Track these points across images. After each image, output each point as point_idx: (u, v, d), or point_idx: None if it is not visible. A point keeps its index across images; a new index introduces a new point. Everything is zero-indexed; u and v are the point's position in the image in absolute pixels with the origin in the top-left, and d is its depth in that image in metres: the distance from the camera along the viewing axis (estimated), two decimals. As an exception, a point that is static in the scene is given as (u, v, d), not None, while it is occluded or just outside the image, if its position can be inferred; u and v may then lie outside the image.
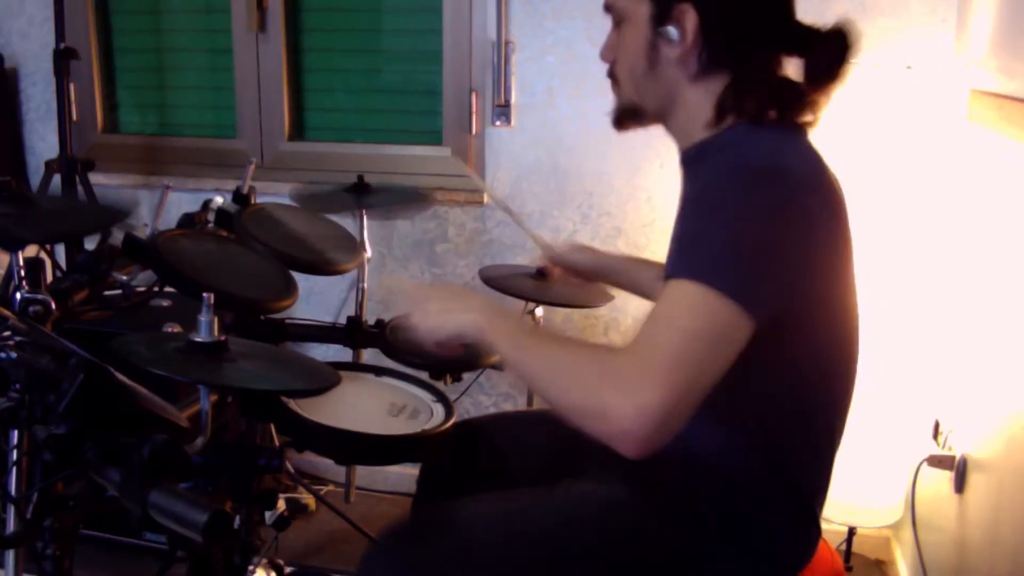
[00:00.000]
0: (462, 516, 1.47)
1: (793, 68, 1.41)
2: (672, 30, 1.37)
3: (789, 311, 1.24)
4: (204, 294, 1.41)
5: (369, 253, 2.54)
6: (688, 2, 1.36)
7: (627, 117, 1.51)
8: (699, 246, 1.22)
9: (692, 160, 1.45)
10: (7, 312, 1.38)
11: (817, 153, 1.37)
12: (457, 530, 1.42)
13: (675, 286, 1.19)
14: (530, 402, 2.60)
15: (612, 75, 1.50)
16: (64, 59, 2.97)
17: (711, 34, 1.37)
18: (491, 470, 1.74)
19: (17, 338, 1.26)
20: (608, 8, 1.47)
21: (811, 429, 1.42)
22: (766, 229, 1.22)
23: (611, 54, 1.49)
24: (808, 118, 1.39)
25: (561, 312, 2.86)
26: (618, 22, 1.46)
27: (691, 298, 1.17)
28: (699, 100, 1.41)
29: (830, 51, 1.37)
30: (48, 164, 3.05)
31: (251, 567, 1.98)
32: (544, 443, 1.75)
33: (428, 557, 1.39)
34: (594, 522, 1.42)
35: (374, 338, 2.24)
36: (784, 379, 1.35)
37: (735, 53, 1.38)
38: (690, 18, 1.36)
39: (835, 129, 2.47)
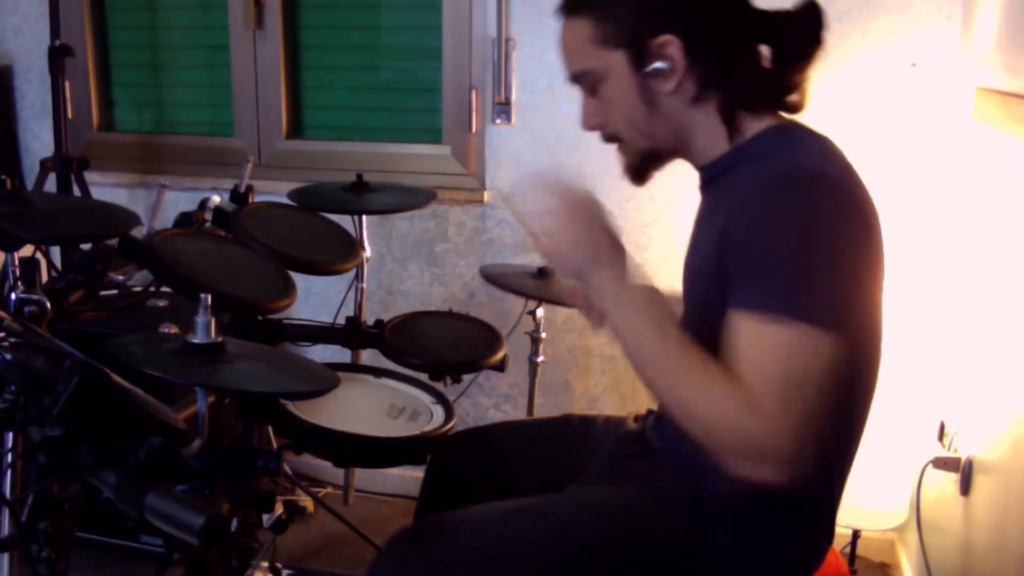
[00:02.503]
0: (468, 522, 1.46)
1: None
2: (659, 63, 1.35)
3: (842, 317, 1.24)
4: (201, 295, 1.39)
5: (368, 252, 2.54)
6: (664, 32, 1.34)
7: (646, 167, 1.47)
8: (786, 277, 1.21)
9: (719, 174, 1.42)
10: (2, 313, 1.36)
11: (842, 153, 1.36)
12: (463, 536, 1.41)
13: (776, 327, 1.19)
14: (531, 404, 2.59)
15: (610, 137, 1.46)
16: (59, 56, 2.95)
17: (698, 53, 1.35)
18: (496, 478, 1.73)
19: (12, 339, 1.24)
20: (577, 78, 1.43)
21: (829, 437, 1.39)
22: (834, 244, 1.22)
23: (596, 120, 1.45)
24: (799, 100, 1.40)
25: (562, 312, 2.84)
26: (592, 86, 1.42)
27: (800, 341, 1.18)
28: (709, 118, 1.39)
29: (803, 28, 1.37)
30: (43, 163, 3.03)
31: (249, 570, 1.95)
32: (547, 451, 1.75)
33: (434, 564, 1.38)
34: (600, 528, 1.42)
35: (373, 339, 2.23)
36: None
37: (725, 62, 1.37)
38: (673, 45, 1.34)
39: (838, 127, 2.48)
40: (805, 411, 1.17)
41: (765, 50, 1.40)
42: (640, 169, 1.47)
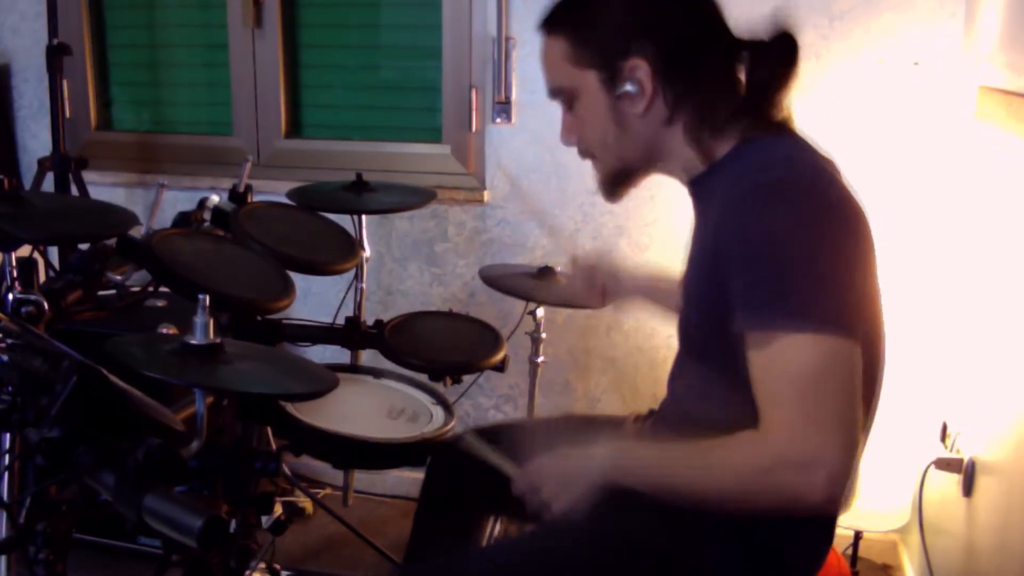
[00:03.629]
0: (470, 553, 1.46)
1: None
2: (628, 87, 1.36)
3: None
4: (200, 295, 1.39)
5: (367, 252, 2.52)
6: (634, 55, 1.35)
7: (618, 185, 1.49)
8: (784, 291, 1.21)
9: (700, 189, 1.42)
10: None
11: (822, 154, 1.36)
12: (470, 555, 1.41)
13: (784, 343, 1.19)
14: (531, 405, 2.58)
15: (585, 153, 1.49)
16: (57, 55, 2.94)
17: (667, 76, 1.36)
18: (495, 479, 1.72)
19: (9, 340, 1.23)
20: (556, 93, 1.46)
21: None
22: (819, 248, 1.21)
23: (572, 135, 1.48)
24: (784, 115, 1.39)
25: (563, 312, 2.83)
26: (570, 103, 1.44)
27: (810, 351, 1.18)
28: (680, 140, 1.40)
29: (775, 56, 1.37)
30: (41, 162, 3.02)
31: (248, 571, 1.95)
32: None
33: None
34: (600, 533, 1.40)
35: (372, 339, 2.22)
36: None
37: (694, 87, 1.37)
38: (642, 68, 1.35)
39: (841, 126, 2.48)
40: (843, 419, 1.18)
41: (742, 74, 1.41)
42: (612, 186, 1.50)
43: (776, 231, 1.22)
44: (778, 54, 1.37)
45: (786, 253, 1.21)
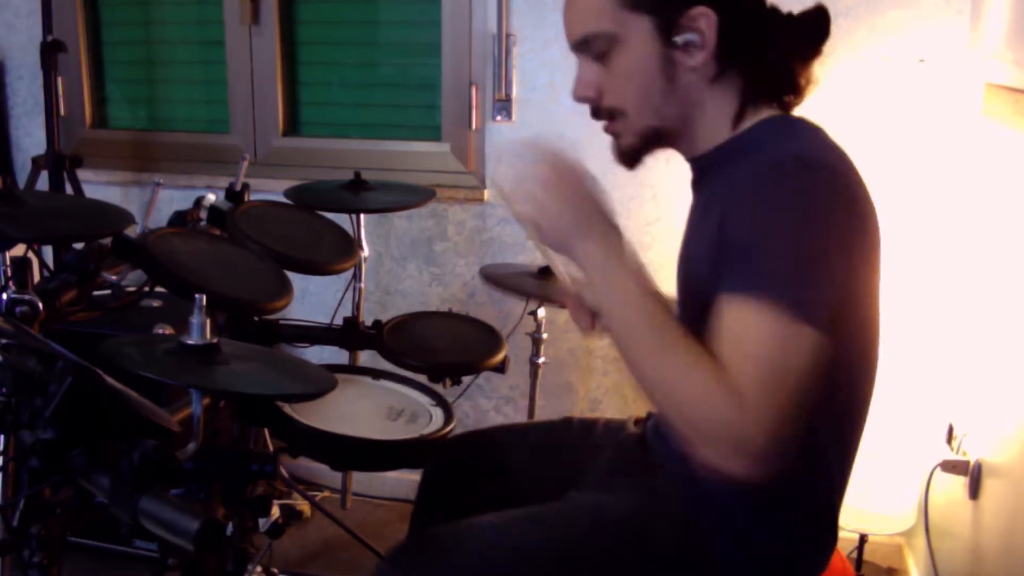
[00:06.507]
0: (469, 533, 1.45)
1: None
2: (689, 36, 1.30)
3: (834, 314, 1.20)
4: (196, 295, 1.38)
5: (366, 252, 2.51)
6: (702, 4, 1.29)
7: (644, 149, 1.40)
8: (772, 263, 1.17)
9: (713, 166, 1.39)
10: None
11: (839, 145, 1.33)
12: (465, 547, 1.40)
13: (762, 313, 1.15)
14: (532, 406, 2.57)
15: (606, 112, 1.39)
16: (51, 52, 2.94)
17: (728, 31, 1.31)
18: (494, 483, 1.71)
19: (3, 340, 1.23)
20: (585, 42, 1.36)
21: (830, 434, 1.37)
22: (829, 233, 1.19)
23: (592, 90, 1.38)
24: (798, 98, 1.38)
25: (564, 313, 2.81)
26: (603, 53, 1.35)
27: (781, 330, 1.14)
28: (719, 101, 1.36)
29: (809, 30, 1.36)
30: (35, 160, 3.02)
31: (245, 575, 1.93)
32: (547, 455, 1.74)
33: (437, 573, 1.38)
34: (602, 535, 1.41)
35: (371, 339, 2.21)
36: None
37: (751, 46, 1.33)
38: (708, 19, 1.30)
39: (846, 123, 2.46)
40: (786, 406, 1.13)
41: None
42: (638, 151, 1.41)
43: (787, 206, 1.19)
44: (812, 28, 1.35)
45: (792, 229, 1.18)
